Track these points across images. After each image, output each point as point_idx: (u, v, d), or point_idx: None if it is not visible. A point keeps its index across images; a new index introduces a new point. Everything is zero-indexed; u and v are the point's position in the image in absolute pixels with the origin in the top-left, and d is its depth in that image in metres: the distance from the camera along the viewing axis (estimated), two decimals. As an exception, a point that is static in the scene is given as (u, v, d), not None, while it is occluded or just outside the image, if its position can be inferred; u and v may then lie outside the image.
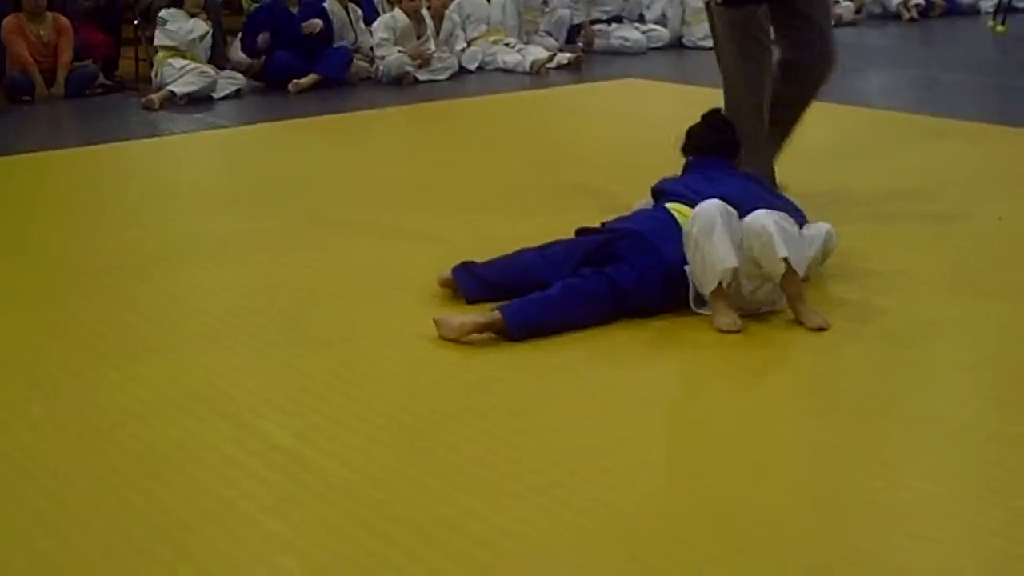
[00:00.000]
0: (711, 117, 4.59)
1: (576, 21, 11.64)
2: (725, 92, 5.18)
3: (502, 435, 3.11)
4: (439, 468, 2.93)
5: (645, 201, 4.43)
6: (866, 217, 5.05)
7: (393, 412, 3.28)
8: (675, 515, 2.71)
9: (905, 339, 3.78)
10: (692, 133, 4.53)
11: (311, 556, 2.57)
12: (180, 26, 9.59)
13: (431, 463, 2.96)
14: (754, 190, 4.24)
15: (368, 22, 10.62)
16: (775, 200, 4.24)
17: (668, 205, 4.12)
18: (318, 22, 9.75)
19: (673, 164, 4.59)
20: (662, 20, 12.04)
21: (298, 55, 9.69)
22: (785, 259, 3.67)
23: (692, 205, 3.95)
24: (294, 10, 9.88)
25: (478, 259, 4.20)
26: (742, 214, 3.91)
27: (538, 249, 4.12)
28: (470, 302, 4.04)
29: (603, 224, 4.16)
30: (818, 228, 4.13)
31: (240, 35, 10.18)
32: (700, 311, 3.87)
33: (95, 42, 10.31)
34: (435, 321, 3.79)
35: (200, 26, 9.69)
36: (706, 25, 5.94)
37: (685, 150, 4.50)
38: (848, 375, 3.54)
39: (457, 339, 3.73)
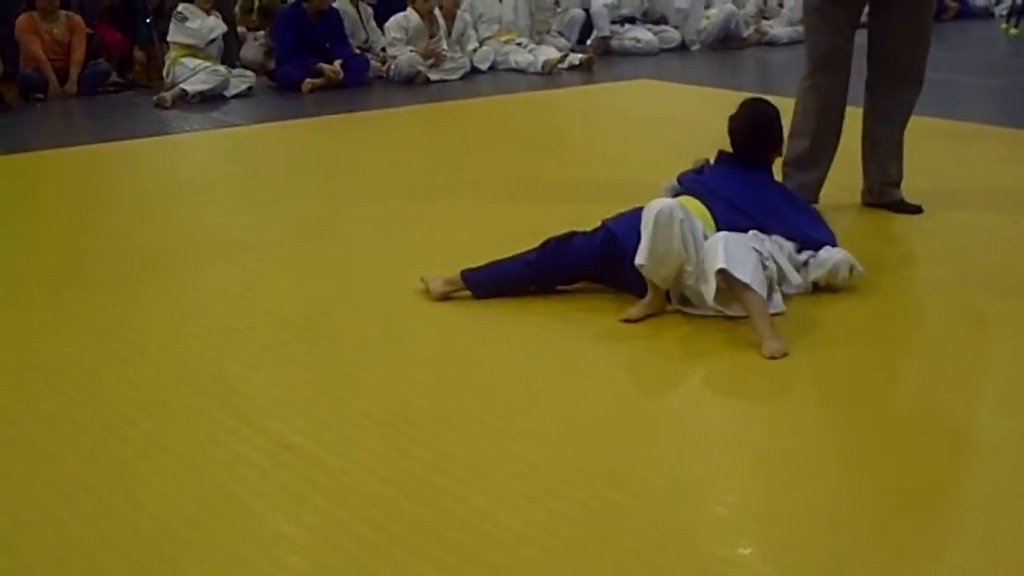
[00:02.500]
0: (750, 111, 4.40)
1: (604, 33, 11.62)
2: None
3: (516, 435, 3.10)
4: (451, 468, 2.91)
5: (670, 183, 4.46)
6: (883, 220, 5.05)
7: (405, 411, 3.27)
8: (687, 516, 2.69)
9: (918, 340, 3.76)
10: (729, 125, 4.39)
11: (321, 555, 2.55)
12: (201, 24, 9.58)
13: (443, 463, 2.94)
14: (770, 196, 4.25)
15: (380, 21, 10.63)
16: (792, 209, 4.22)
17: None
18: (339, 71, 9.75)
19: (683, 162, 4.58)
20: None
21: (313, 61, 9.69)
22: (721, 271, 3.67)
23: (700, 198, 4.09)
24: (314, 20, 9.85)
25: (487, 255, 4.23)
26: (746, 219, 4.03)
27: (538, 248, 4.17)
28: (480, 298, 4.15)
29: (603, 221, 4.17)
30: (832, 255, 4.08)
31: (275, 56, 10.16)
32: (682, 308, 3.93)
33: (112, 41, 10.34)
34: (423, 280, 4.23)
35: (219, 25, 9.69)
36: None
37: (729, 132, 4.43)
38: (856, 377, 3.52)
39: (437, 298, 4.16)
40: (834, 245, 4.14)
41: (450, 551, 2.54)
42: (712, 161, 4.43)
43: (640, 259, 3.82)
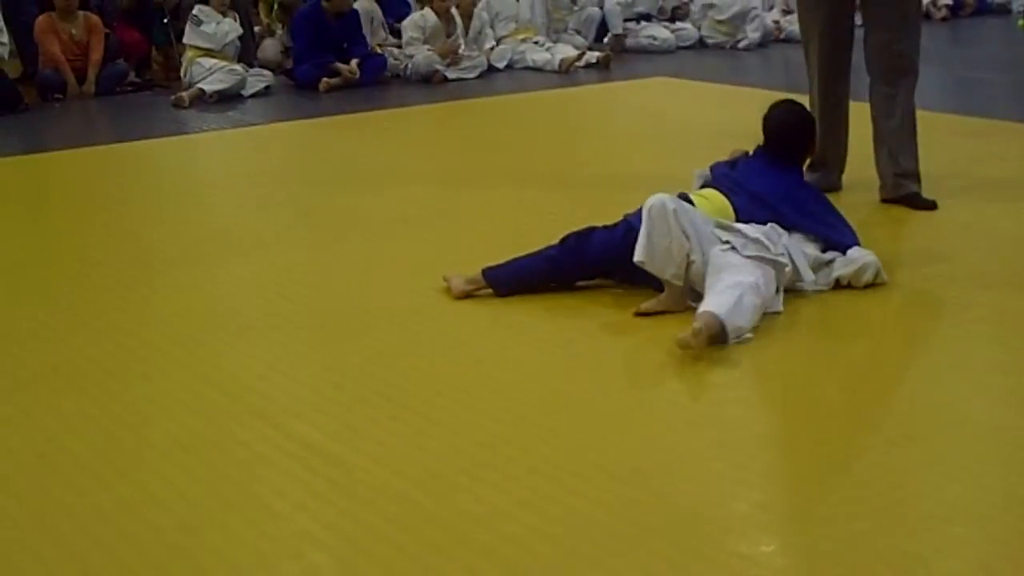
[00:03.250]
0: (783, 111, 4.45)
1: (617, 31, 11.58)
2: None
3: (536, 434, 3.09)
4: (472, 466, 2.91)
5: (703, 171, 4.51)
6: (899, 215, 5.04)
7: (425, 409, 3.27)
8: (707, 516, 2.68)
9: (937, 338, 3.75)
10: (764, 123, 4.43)
11: (343, 553, 2.56)
12: (216, 28, 9.59)
13: (464, 461, 2.94)
14: (797, 194, 4.27)
15: (399, 19, 10.64)
16: (818, 209, 4.24)
17: (695, 192, 4.23)
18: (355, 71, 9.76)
19: (701, 157, 4.58)
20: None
21: (330, 60, 9.71)
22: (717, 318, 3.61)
23: (723, 190, 4.18)
24: (332, 20, 9.87)
25: (508, 252, 4.23)
26: (768, 213, 4.07)
27: (559, 243, 4.17)
28: (502, 296, 4.14)
29: (625, 215, 4.17)
30: (863, 255, 4.06)
31: (293, 55, 10.16)
32: (693, 305, 3.87)
33: (130, 41, 10.37)
34: (445, 279, 4.20)
35: (234, 29, 9.69)
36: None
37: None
38: (879, 373, 3.51)
39: (458, 296, 4.13)
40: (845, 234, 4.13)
41: (470, 548, 2.54)
42: (751, 153, 4.47)
43: (639, 255, 3.84)
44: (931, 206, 5.09)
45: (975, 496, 2.73)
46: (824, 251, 4.11)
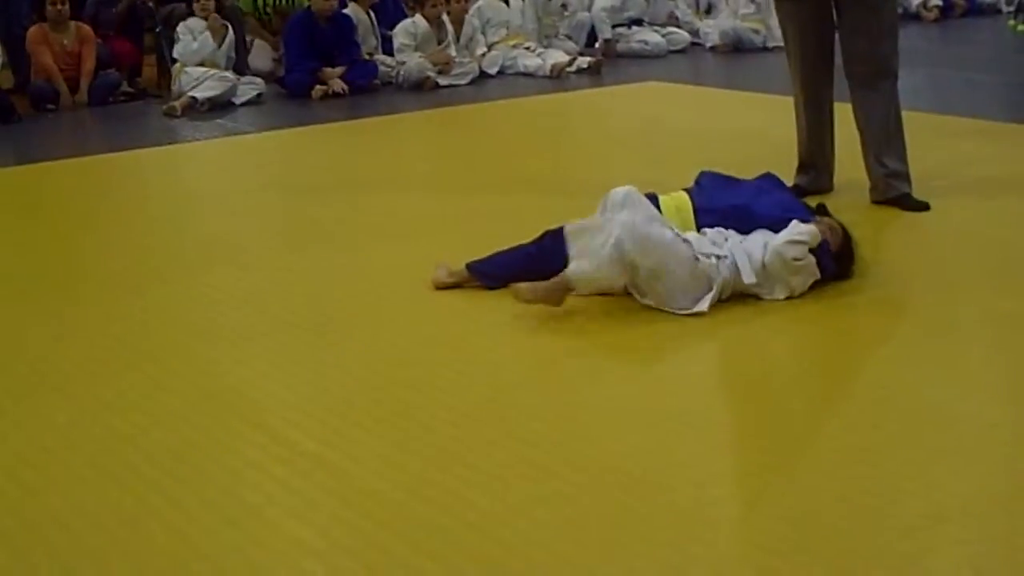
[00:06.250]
0: None
1: (606, 36, 11.58)
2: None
3: (530, 440, 3.09)
4: (466, 473, 2.92)
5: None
6: (889, 216, 5.06)
7: (419, 416, 3.27)
8: (702, 520, 2.69)
9: (929, 338, 3.76)
10: None
11: (336, 561, 2.56)
12: (184, 48, 9.54)
13: (458, 468, 2.95)
14: (750, 183, 4.43)
15: (391, 27, 10.65)
16: (771, 187, 4.37)
17: (665, 195, 4.34)
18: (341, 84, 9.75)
19: (692, 164, 4.59)
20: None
21: (318, 67, 9.72)
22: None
23: (688, 192, 4.35)
24: (324, 24, 9.89)
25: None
26: (731, 198, 4.28)
27: (535, 242, 4.26)
28: (492, 288, 4.21)
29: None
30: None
31: (284, 62, 10.18)
32: (639, 299, 3.96)
33: (122, 51, 10.38)
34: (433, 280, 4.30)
35: (205, 44, 9.57)
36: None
37: None
38: (871, 373, 3.52)
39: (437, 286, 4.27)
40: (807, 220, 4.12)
41: (463, 555, 2.54)
42: None
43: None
44: (923, 207, 5.10)
45: (967, 495, 2.74)
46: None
